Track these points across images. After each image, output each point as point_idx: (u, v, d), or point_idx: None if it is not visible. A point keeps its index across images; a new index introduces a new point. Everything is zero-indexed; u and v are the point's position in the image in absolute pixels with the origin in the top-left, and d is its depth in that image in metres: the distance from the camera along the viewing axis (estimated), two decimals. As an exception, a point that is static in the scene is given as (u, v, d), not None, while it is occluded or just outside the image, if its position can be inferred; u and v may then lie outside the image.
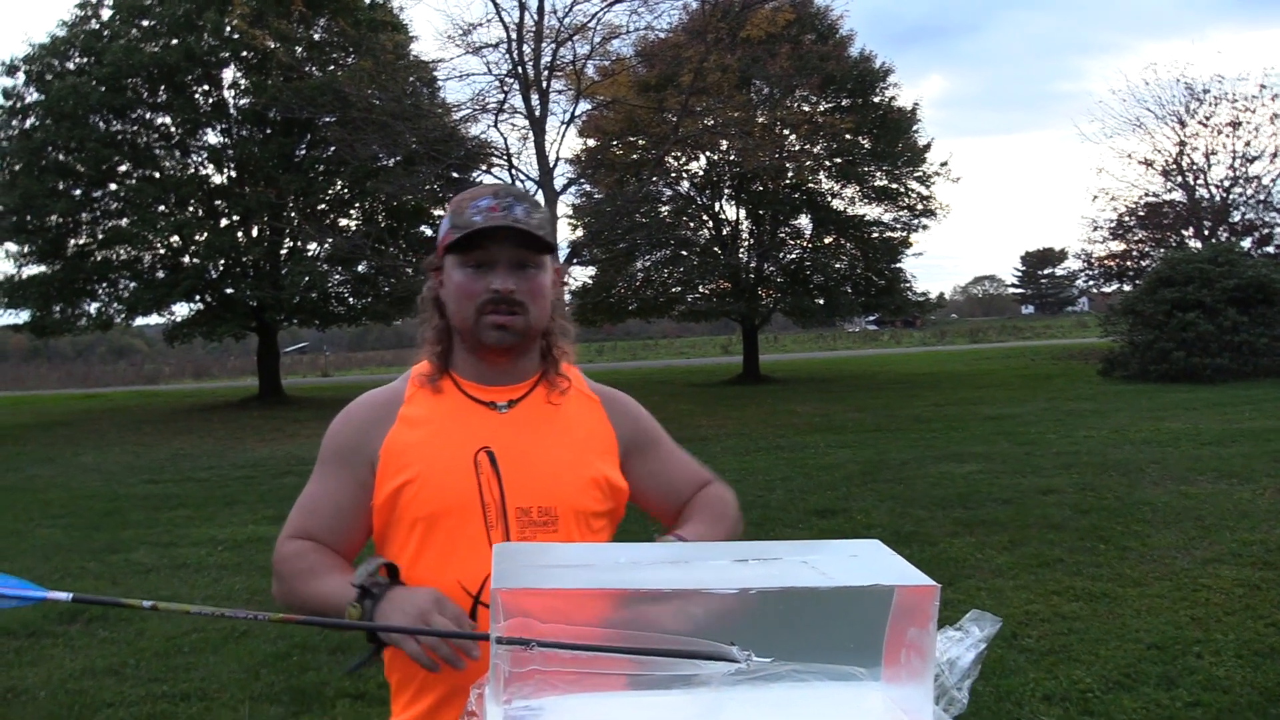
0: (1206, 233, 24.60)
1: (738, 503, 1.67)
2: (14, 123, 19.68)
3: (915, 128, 22.64)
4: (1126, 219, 26.28)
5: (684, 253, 22.91)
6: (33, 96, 19.65)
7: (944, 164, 22.95)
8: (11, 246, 19.73)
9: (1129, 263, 26.04)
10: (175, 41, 19.23)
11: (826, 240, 23.27)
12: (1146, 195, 26.21)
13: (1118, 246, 26.56)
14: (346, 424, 1.54)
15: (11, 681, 4.39)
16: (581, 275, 22.57)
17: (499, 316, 1.47)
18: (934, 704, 0.85)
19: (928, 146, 22.70)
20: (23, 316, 20.40)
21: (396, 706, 1.50)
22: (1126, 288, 24.76)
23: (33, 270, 20.12)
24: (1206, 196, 25.48)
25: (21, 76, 19.71)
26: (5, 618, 5.21)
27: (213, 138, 20.74)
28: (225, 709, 4.00)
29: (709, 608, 0.88)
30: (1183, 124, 25.24)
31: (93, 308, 20.73)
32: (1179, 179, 25.69)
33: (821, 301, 22.83)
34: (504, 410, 1.51)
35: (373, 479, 1.48)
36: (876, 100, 22.09)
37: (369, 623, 1.22)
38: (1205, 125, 25.00)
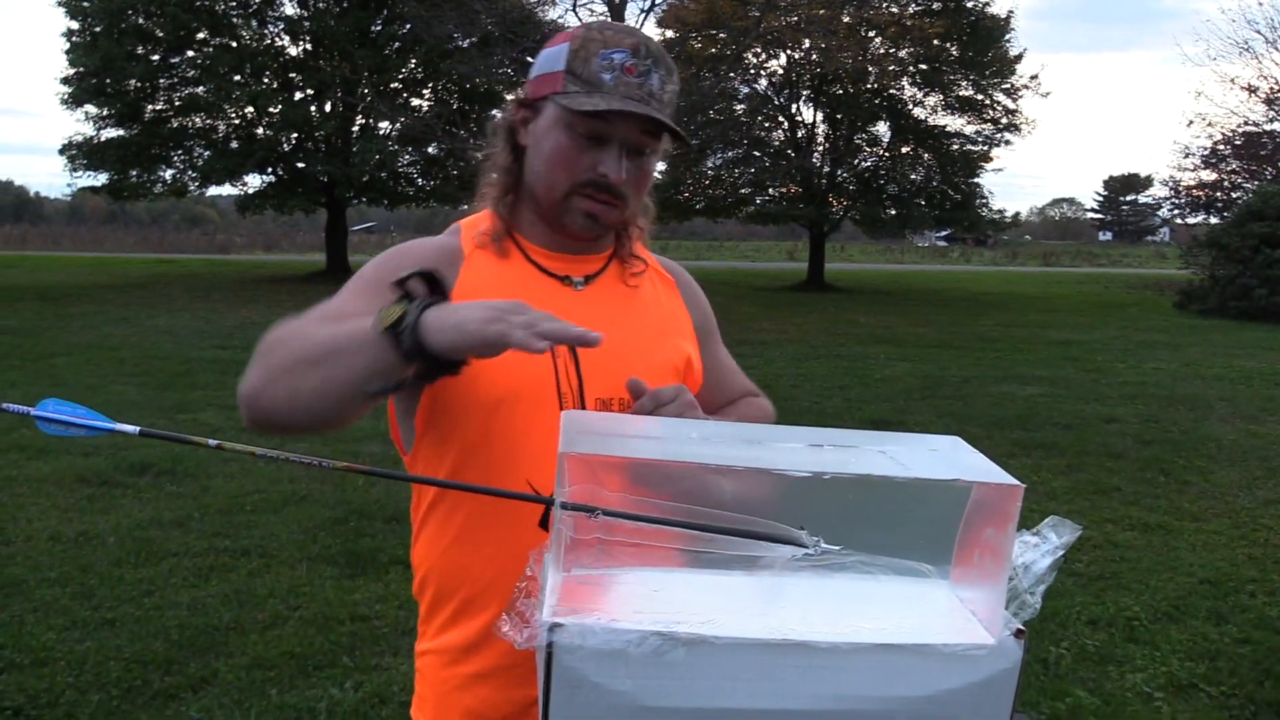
0: (1306, 167, 23.51)
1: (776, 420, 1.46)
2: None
3: (1007, 37, 21.71)
4: (1221, 147, 25.17)
5: (756, 153, 22.48)
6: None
7: (1034, 77, 22.06)
8: (91, 109, 20.02)
9: (1219, 194, 25.05)
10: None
11: (904, 150, 22.66)
12: (1246, 124, 25.02)
13: (1208, 176, 25.57)
14: (403, 259, 1.22)
15: (84, 526, 4.59)
16: (650, 170, 22.29)
17: (595, 204, 1.22)
18: (1005, 607, 0.82)
19: (1019, 58, 21.79)
20: (101, 179, 20.82)
21: (428, 630, 1.27)
22: (1213, 220, 23.83)
23: (111, 133, 20.44)
24: (1311, 129, 24.29)
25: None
26: (80, 467, 5.45)
27: (290, 9, 20.65)
28: (284, 566, 4.15)
29: (779, 489, 0.86)
30: (1294, 49, 23.91)
31: (168, 174, 21.11)
32: (1283, 108, 24.45)
33: (894, 212, 22.37)
34: (580, 287, 1.28)
35: None
36: (969, 5, 21.14)
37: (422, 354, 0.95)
38: (1319, 52, 23.66)
